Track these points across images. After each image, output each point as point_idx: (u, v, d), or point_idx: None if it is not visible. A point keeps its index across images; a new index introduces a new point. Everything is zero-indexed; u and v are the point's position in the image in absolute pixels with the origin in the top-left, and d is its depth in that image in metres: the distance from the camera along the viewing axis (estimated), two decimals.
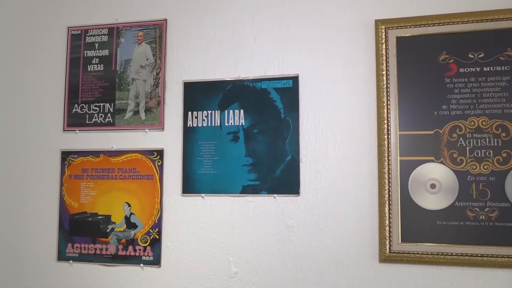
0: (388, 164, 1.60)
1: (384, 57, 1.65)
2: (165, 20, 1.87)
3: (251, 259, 1.71)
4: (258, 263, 1.70)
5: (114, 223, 1.84)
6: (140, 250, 1.80)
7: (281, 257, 1.69)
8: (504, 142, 1.54)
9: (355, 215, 1.64)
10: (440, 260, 1.54)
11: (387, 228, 1.59)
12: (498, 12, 1.58)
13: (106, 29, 1.93)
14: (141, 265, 1.80)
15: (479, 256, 1.51)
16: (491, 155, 1.55)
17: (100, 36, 1.94)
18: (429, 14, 1.63)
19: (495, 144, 1.55)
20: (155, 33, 1.87)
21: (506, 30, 1.57)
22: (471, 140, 1.57)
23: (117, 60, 1.90)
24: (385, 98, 1.63)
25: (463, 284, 1.54)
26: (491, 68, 1.58)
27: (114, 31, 1.92)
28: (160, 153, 1.82)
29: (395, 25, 1.65)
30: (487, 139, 1.56)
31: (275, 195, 1.70)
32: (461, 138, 1.58)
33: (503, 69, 1.57)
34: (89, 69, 1.93)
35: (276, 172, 1.70)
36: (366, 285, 1.61)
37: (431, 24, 1.63)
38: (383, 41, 1.66)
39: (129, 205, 1.83)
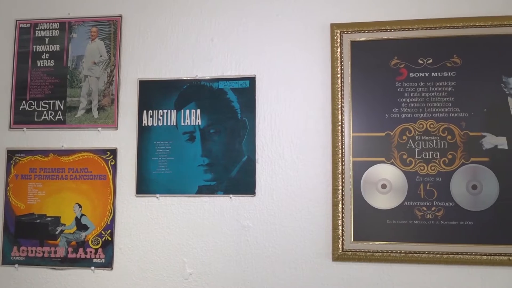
0: (342, 165, 1.64)
1: (339, 61, 1.69)
2: (120, 16, 1.83)
3: (206, 260, 1.70)
4: (213, 264, 1.69)
5: (64, 224, 1.77)
6: (91, 252, 1.75)
7: (236, 258, 1.69)
8: (450, 144, 1.62)
9: (309, 215, 1.67)
10: (390, 258, 1.60)
11: (340, 227, 1.62)
12: (446, 21, 1.65)
13: (57, 23, 1.86)
14: (92, 268, 1.74)
15: (426, 253, 1.58)
16: (438, 157, 1.62)
17: (50, 31, 1.86)
18: (383, 20, 1.69)
19: (442, 146, 1.62)
20: (109, 29, 1.83)
21: (452, 38, 1.65)
22: (420, 142, 1.64)
23: (69, 56, 1.84)
24: (339, 100, 1.67)
25: (411, 280, 1.60)
26: (439, 73, 1.65)
27: (66, 26, 1.85)
28: (113, 152, 1.77)
29: (349, 30, 1.70)
30: (434, 141, 1.63)
31: (231, 195, 1.70)
32: (410, 140, 1.64)
33: (449, 74, 1.64)
34: (38, 65, 1.85)
35: (232, 173, 1.70)
36: (319, 284, 1.64)
37: (384, 29, 1.68)
38: (338, 44, 1.70)
39: (80, 206, 1.77)
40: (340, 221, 1.62)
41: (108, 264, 1.74)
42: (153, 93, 1.78)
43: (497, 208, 1.57)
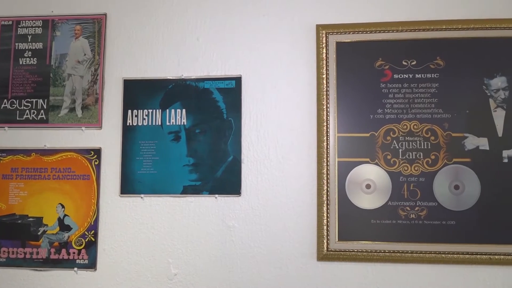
0: (327, 165, 1.65)
1: (324, 61, 1.70)
2: (105, 14, 1.81)
3: (191, 260, 1.69)
4: (198, 264, 1.69)
5: (46, 225, 1.74)
6: (74, 253, 1.72)
7: (222, 258, 1.68)
8: (433, 145, 1.64)
9: (295, 215, 1.67)
10: (374, 257, 1.61)
11: (325, 227, 1.63)
12: (429, 23, 1.68)
13: (40, 21, 1.83)
14: (75, 269, 1.72)
15: (409, 253, 1.60)
16: (421, 157, 1.64)
17: (33, 28, 1.83)
18: (368, 21, 1.70)
19: (425, 147, 1.64)
20: (93, 28, 1.80)
21: (436, 40, 1.67)
22: (404, 142, 1.65)
23: (52, 54, 1.81)
24: (324, 101, 1.68)
25: (395, 280, 1.61)
26: (422, 75, 1.67)
27: (49, 24, 1.83)
28: (97, 152, 1.75)
29: (335, 31, 1.71)
30: (418, 142, 1.65)
31: (217, 195, 1.70)
32: (394, 141, 1.66)
33: (432, 76, 1.67)
34: (20, 63, 1.82)
35: (218, 173, 1.70)
36: (304, 284, 1.64)
37: (369, 31, 1.70)
38: (323, 45, 1.70)
39: (63, 207, 1.74)
40: (325, 221, 1.63)
41: (91, 265, 1.72)
42: (138, 93, 1.76)
43: (479, 208, 1.60)
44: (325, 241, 1.63)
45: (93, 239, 1.72)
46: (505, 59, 1.64)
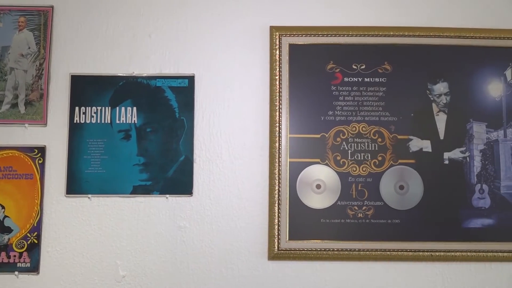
0: (279, 165, 1.67)
1: (277, 63, 1.72)
2: (52, 7, 1.73)
3: (140, 261, 1.65)
4: (147, 266, 1.65)
5: None
6: (15, 256, 1.64)
7: (172, 258, 1.66)
8: (380, 146, 1.70)
9: (246, 214, 1.68)
10: (323, 256, 1.64)
11: (276, 227, 1.65)
12: (378, 29, 1.74)
13: None
14: (16, 273, 1.64)
15: (357, 251, 1.65)
16: (369, 158, 1.70)
17: None
18: (320, 25, 1.74)
19: (373, 148, 1.70)
20: (39, 20, 1.72)
21: (384, 45, 1.73)
22: (353, 144, 1.70)
23: None
24: (277, 102, 1.70)
25: (343, 277, 1.66)
26: (371, 79, 1.73)
27: None
28: (41, 150, 1.68)
29: (288, 33, 1.73)
30: (366, 143, 1.70)
31: (167, 195, 1.67)
32: (344, 142, 1.70)
33: (380, 80, 1.73)
34: None
35: (169, 172, 1.67)
36: (255, 283, 1.65)
37: (321, 34, 1.73)
38: (277, 47, 1.72)
39: (3, 207, 1.65)
40: (276, 220, 1.65)
41: (34, 268, 1.64)
42: (86, 89, 1.70)
43: (421, 207, 1.67)
44: (276, 240, 1.64)
45: (36, 241, 1.65)
46: (447, 66, 1.73)
